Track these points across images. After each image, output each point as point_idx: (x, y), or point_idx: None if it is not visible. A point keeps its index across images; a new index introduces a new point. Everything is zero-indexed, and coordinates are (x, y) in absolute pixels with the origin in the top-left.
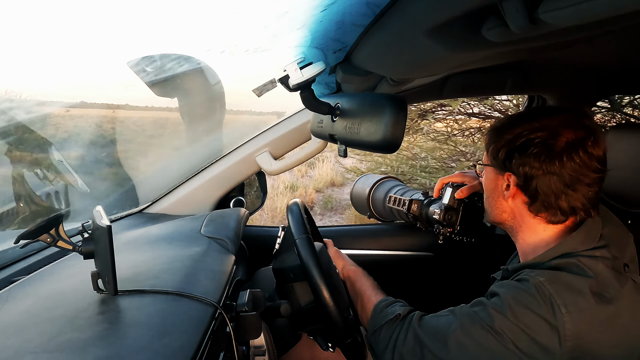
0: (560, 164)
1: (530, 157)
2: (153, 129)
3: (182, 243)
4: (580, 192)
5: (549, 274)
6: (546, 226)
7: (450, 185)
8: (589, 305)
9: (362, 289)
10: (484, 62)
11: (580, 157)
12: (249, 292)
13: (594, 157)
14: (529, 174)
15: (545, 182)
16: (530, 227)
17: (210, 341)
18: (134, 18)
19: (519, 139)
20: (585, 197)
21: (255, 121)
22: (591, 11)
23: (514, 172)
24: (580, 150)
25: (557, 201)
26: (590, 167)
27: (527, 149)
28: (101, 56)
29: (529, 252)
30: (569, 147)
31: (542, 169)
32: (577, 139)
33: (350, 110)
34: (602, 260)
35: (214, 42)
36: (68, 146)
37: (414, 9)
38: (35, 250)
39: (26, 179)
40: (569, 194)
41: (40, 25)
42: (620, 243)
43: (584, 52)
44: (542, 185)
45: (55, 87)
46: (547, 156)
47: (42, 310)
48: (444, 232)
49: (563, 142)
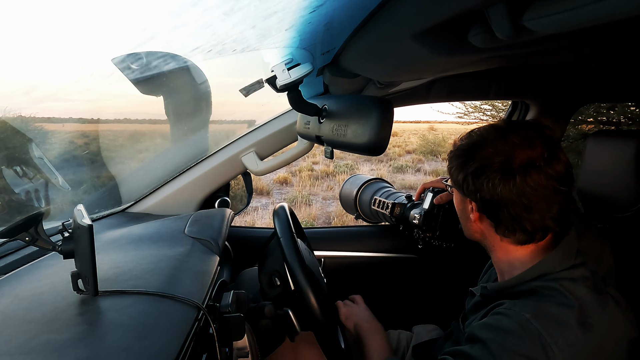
0: (516, 186)
1: (486, 182)
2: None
3: (165, 243)
4: (542, 212)
5: (532, 307)
6: (517, 247)
7: (432, 190)
8: (577, 338)
9: (371, 346)
10: (469, 67)
11: (537, 177)
12: (232, 293)
13: (551, 176)
14: (486, 199)
15: (504, 206)
16: (502, 248)
17: (193, 343)
18: (119, 14)
19: (474, 165)
20: (550, 217)
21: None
22: (575, 20)
23: (473, 198)
24: (535, 170)
25: (521, 224)
26: (548, 186)
27: (482, 175)
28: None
29: (505, 270)
30: (523, 169)
31: (498, 194)
32: (531, 159)
33: (337, 112)
34: (583, 282)
35: (202, 41)
36: (48, 142)
37: (401, 13)
38: (13, 249)
39: (4, 176)
40: (532, 215)
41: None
42: (597, 254)
43: (567, 59)
44: (501, 210)
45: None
46: (502, 180)
47: (20, 311)
48: (423, 237)
49: (517, 164)
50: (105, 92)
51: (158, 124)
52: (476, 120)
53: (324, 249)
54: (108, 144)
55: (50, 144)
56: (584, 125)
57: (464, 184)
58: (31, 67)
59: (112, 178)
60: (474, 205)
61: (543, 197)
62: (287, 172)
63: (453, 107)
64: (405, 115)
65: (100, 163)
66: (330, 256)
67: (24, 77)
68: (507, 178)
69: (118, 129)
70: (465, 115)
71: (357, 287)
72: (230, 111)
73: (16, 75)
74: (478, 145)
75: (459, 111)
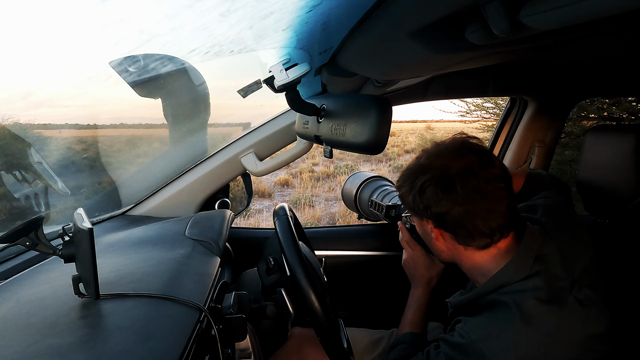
0: (459, 194)
1: (431, 196)
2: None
3: (166, 246)
4: (492, 213)
5: (481, 326)
6: (481, 253)
7: None
8: (517, 350)
9: (407, 312)
10: (467, 64)
11: (476, 182)
12: (234, 294)
13: (489, 178)
14: (437, 212)
15: (454, 215)
16: (468, 257)
17: (195, 344)
18: (115, 17)
19: (417, 184)
20: (501, 215)
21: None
22: (571, 15)
23: (426, 216)
24: (472, 176)
25: (476, 228)
26: (489, 188)
27: (426, 190)
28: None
29: (477, 278)
30: (461, 177)
31: (445, 205)
32: (465, 166)
33: (336, 112)
34: (534, 293)
35: (199, 42)
36: (46, 148)
37: (398, 11)
38: (14, 254)
39: (3, 181)
40: (483, 218)
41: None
42: (570, 257)
43: (564, 54)
44: (454, 219)
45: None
46: (445, 191)
47: (21, 315)
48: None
49: (454, 174)
50: (101, 97)
51: (154, 128)
52: (478, 119)
53: (324, 248)
54: (106, 148)
55: (49, 150)
56: (585, 121)
57: (415, 206)
58: (27, 71)
59: (111, 182)
60: (430, 224)
61: (488, 199)
62: (288, 174)
63: (455, 105)
64: (402, 114)
65: (99, 168)
66: (331, 255)
67: (19, 82)
68: (448, 188)
69: (115, 134)
70: (467, 114)
71: (358, 286)
72: (227, 114)
73: (12, 80)
74: (416, 167)
75: (461, 110)
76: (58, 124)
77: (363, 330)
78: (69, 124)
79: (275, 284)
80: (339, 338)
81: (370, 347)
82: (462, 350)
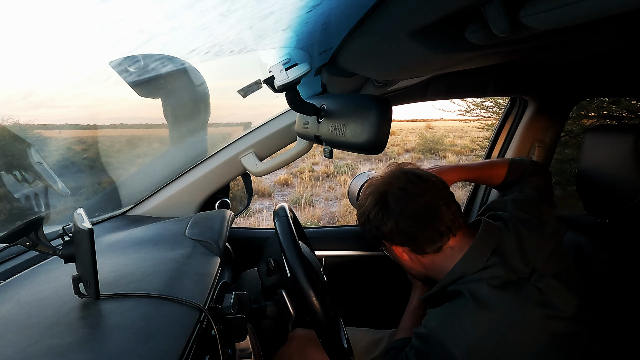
0: (396, 212)
1: (379, 220)
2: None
3: (166, 246)
4: (431, 218)
5: (441, 315)
6: (438, 255)
7: None
8: (472, 332)
9: (402, 319)
10: (467, 64)
11: (407, 196)
12: (234, 294)
13: (417, 191)
14: (386, 232)
15: (400, 229)
16: (431, 263)
17: (195, 344)
18: (115, 17)
19: (365, 216)
20: (440, 219)
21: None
22: (571, 15)
23: (385, 238)
24: (402, 192)
25: (423, 234)
26: (419, 200)
27: (372, 217)
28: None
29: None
30: (393, 195)
31: (388, 222)
32: (393, 186)
33: (336, 112)
34: (488, 281)
35: (199, 42)
36: (46, 148)
37: (398, 11)
38: (14, 254)
39: (4, 181)
40: (424, 224)
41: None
42: (531, 248)
43: (564, 54)
44: (402, 232)
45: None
46: (384, 212)
47: (21, 316)
48: None
49: (388, 194)
50: (101, 97)
51: (154, 128)
52: (478, 118)
53: (324, 248)
54: (106, 149)
55: (49, 151)
56: (585, 120)
57: (375, 234)
58: (27, 71)
59: (111, 182)
60: (392, 246)
61: (423, 209)
62: (288, 174)
63: (455, 104)
64: (401, 114)
65: (99, 168)
66: (331, 255)
67: (19, 82)
68: (385, 209)
69: (115, 134)
70: (467, 113)
71: (358, 286)
72: (227, 114)
73: (12, 80)
74: (361, 204)
75: (461, 109)
76: (58, 124)
77: (363, 330)
78: (69, 124)
79: (275, 285)
80: (339, 338)
81: (370, 347)
82: (425, 340)
